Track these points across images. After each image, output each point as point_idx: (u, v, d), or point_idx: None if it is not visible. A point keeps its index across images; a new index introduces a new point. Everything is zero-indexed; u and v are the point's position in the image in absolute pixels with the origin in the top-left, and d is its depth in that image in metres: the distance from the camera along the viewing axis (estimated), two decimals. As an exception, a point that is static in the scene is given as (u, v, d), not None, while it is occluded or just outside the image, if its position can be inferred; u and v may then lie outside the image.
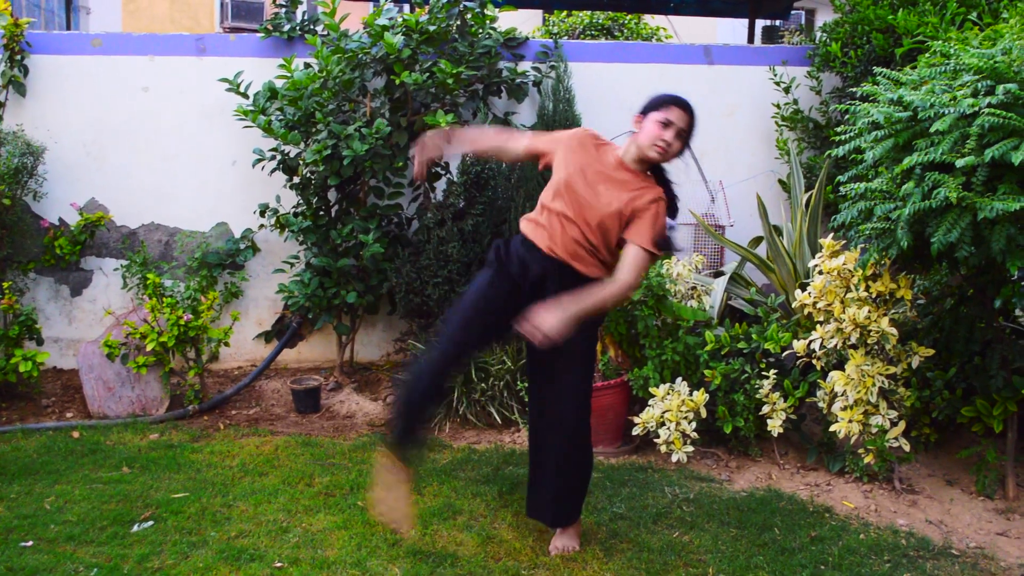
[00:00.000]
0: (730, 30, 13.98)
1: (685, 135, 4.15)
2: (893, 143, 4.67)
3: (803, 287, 5.96)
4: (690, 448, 5.67)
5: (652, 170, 4.28)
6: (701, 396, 5.69)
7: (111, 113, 7.37)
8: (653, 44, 8.04)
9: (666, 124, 4.09)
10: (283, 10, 7.43)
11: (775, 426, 5.64)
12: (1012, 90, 4.23)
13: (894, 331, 5.24)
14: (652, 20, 12.19)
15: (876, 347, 5.43)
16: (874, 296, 5.36)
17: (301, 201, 6.95)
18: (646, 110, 4.19)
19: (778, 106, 7.56)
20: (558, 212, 4.16)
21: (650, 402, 5.78)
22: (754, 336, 5.86)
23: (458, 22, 7.11)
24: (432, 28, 6.82)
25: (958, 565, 4.51)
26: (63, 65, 7.31)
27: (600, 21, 10.91)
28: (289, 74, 6.75)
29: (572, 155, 4.25)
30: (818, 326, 5.52)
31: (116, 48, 7.35)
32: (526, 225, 4.29)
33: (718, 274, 6.94)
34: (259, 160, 6.87)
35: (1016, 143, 4.14)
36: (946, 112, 4.35)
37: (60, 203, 7.33)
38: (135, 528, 4.75)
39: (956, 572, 4.44)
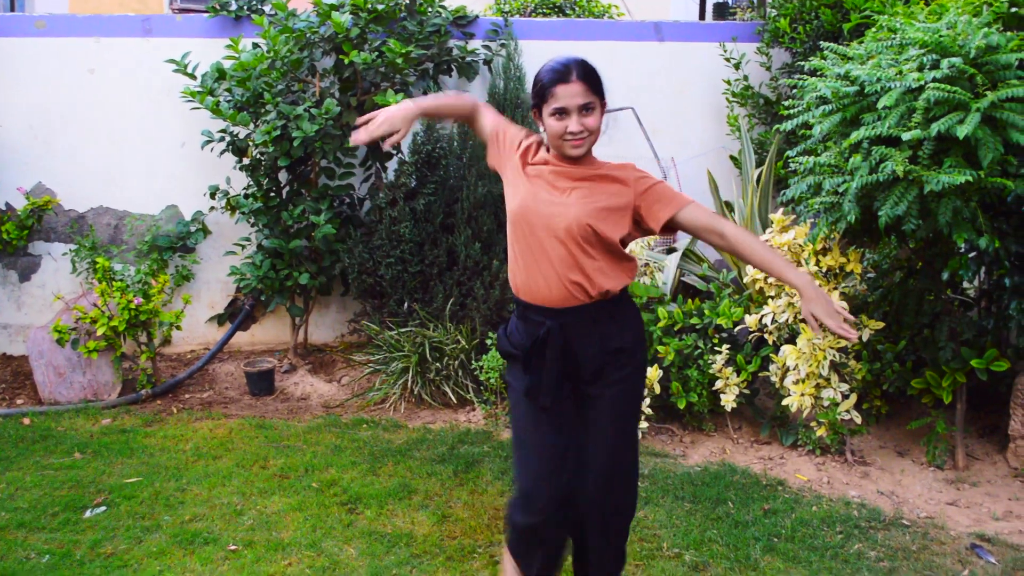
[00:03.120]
0: (683, 7, 13.95)
1: (590, 101, 3.39)
2: (841, 117, 4.70)
3: (755, 262, 5.98)
4: (644, 424, 5.69)
5: None
6: (655, 372, 5.72)
7: (57, 96, 7.26)
8: (603, 22, 8.03)
9: (562, 113, 3.33)
10: (231, -11, 7.36)
11: (728, 401, 5.68)
12: (957, 64, 4.26)
13: (844, 304, 5.28)
14: (604, -2, 12.18)
15: (827, 321, 5.46)
16: (824, 270, 5.40)
17: (251, 183, 6.89)
18: (535, 102, 3.44)
19: (728, 82, 7.58)
20: (533, 256, 3.41)
21: (604, 379, 5.78)
22: (707, 312, 5.88)
23: (407, 0, 7.06)
24: (381, 7, 6.76)
25: (909, 535, 4.57)
26: (6, 47, 7.18)
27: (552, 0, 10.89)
28: (237, 55, 6.68)
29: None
30: (770, 301, 5.56)
31: (61, 30, 7.24)
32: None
33: (671, 251, 6.96)
34: (208, 142, 6.80)
35: (961, 116, 4.18)
36: (892, 86, 4.39)
37: (6, 187, 7.23)
38: (88, 514, 4.72)
39: (907, 542, 4.50)
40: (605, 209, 3.35)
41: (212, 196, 7.03)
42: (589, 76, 3.44)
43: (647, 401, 5.68)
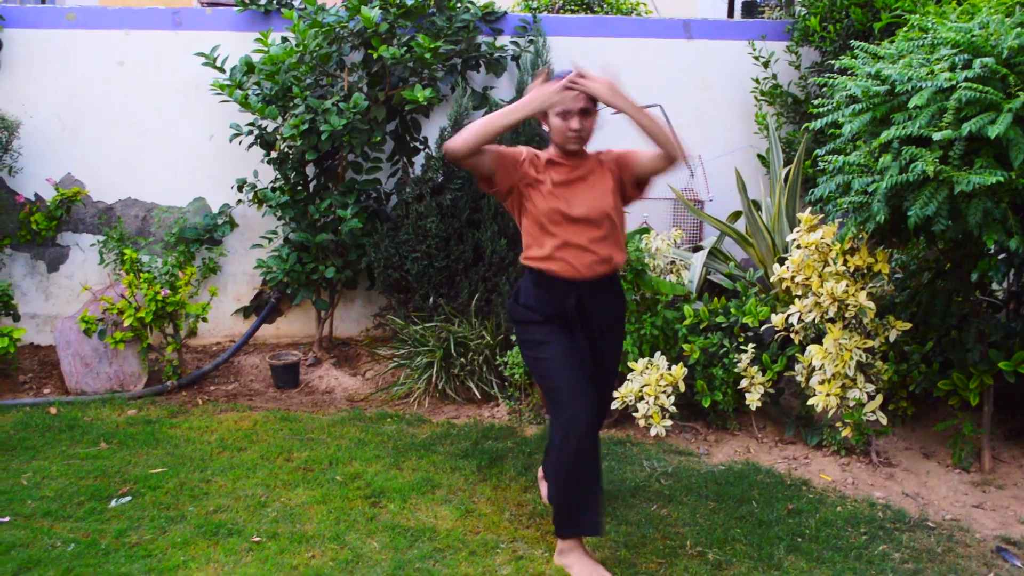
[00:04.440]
0: (711, 5, 13.89)
1: (589, 107, 4.06)
2: (871, 117, 4.67)
3: (781, 261, 5.97)
4: (668, 422, 5.68)
5: None
6: (680, 370, 5.70)
7: (87, 88, 7.30)
8: (632, 18, 8.01)
9: (566, 115, 4.03)
10: (260, -17, 7.38)
11: (753, 400, 5.66)
12: (989, 64, 4.23)
13: (872, 305, 5.26)
14: (632, -6, 12.14)
15: (854, 321, 5.45)
16: (852, 270, 5.37)
17: (279, 176, 6.91)
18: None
19: (757, 80, 7.55)
20: (564, 240, 4.10)
21: (629, 376, 5.78)
22: (733, 310, 5.86)
23: (436, -4, 7.08)
24: (410, 2, 6.77)
25: (934, 537, 4.54)
26: (37, 39, 7.23)
27: (580, -5, 10.87)
28: (266, 48, 6.70)
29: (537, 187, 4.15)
30: (796, 300, 5.53)
31: (91, 22, 7.28)
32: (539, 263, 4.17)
33: (697, 249, 6.94)
34: (236, 135, 6.82)
35: (993, 117, 4.15)
36: (923, 86, 4.35)
37: (36, 178, 7.27)
38: (113, 503, 4.74)
39: (932, 544, 4.47)
40: (611, 191, 4.16)
41: (239, 189, 7.05)
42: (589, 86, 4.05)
43: (671, 399, 5.67)
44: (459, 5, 7.18)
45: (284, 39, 6.93)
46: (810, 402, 5.46)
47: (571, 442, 3.97)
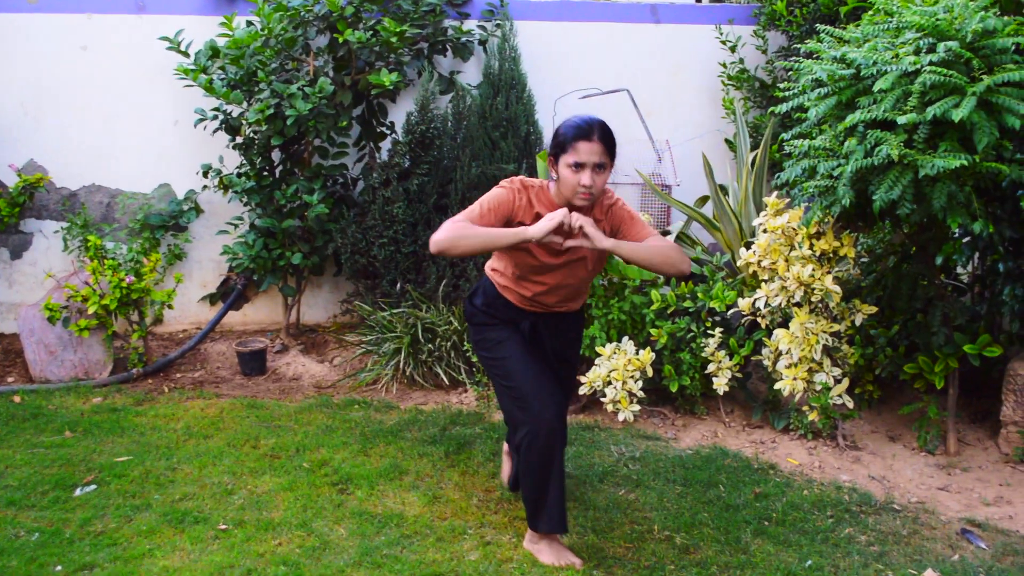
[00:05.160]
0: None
1: (605, 161, 3.82)
2: (836, 100, 4.68)
3: (748, 246, 5.98)
4: (636, 407, 5.68)
5: None
6: (647, 355, 5.71)
7: (49, 72, 7.22)
8: (600, 3, 8.00)
9: (578, 167, 3.77)
10: (225, -33, 7.31)
11: (721, 384, 5.68)
12: (953, 48, 4.25)
13: (838, 289, 5.28)
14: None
15: (820, 305, 5.47)
16: (818, 254, 5.39)
17: (244, 161, 6.87)
18: (554, 151, 3.88)
19: (724, 65, 7.56)
20: (539, 282, 4.09)
21: (596, 361, 5.78)
22: (700, 295, 5.87)
23: (402, -21, 7.04)
24: (376, -15, 6.75)
25: (899, 519, 4.57)
26: (-2, 23, 7.16)
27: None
28: (231, 32, 6.65)
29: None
30: (763, 284, 5.55)
31: (53, 5, 7.19)
32: (503, 289, 4.19)
33: (665, 233, 6.94)
34: (201, 120, 6.77)
35: (957, 101, 4.17)
36: (888, 70, 4.37)
37: (-3, 164, 7.20)
38: (77, 492, 4.70)
39: (897, 526, 4.50)
40: (595, 259, 4.08)
41: (205, 175, 6.99)
42: (607, 138, 3.84)
43: (639, 384, 5.67)
44: (426, -11, 7.15)
45: (249, 23, 6.86)
46: (777, 386, 5.49)
47: (540, 440, 3.94)
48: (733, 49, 7.51)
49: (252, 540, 4.23)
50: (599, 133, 3.79)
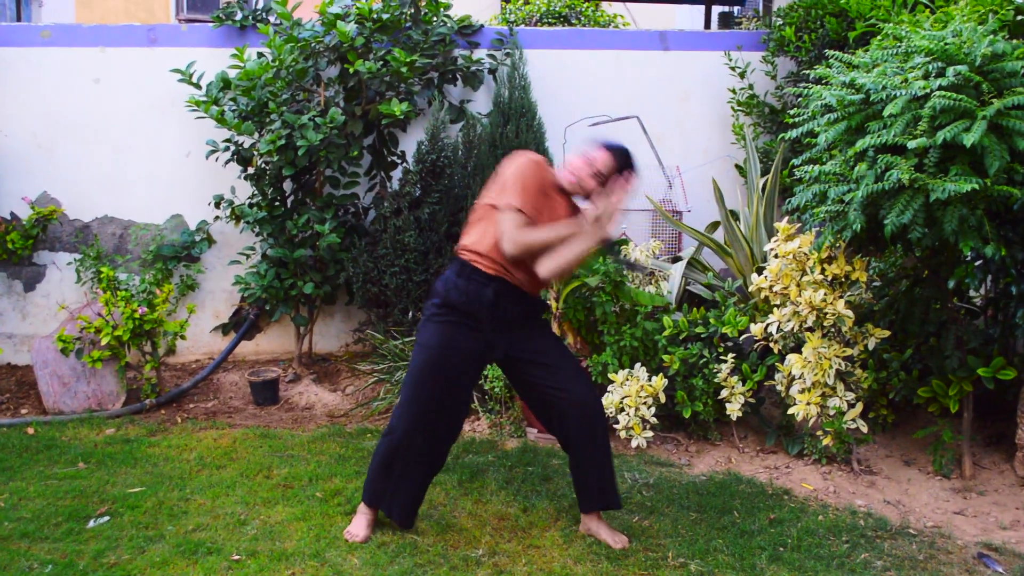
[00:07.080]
0: (688, 17, 13.95)
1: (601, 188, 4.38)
2: (846, 126, 4.69)
3: (760, 271, 5.98)
4: (649, 433, 5.67)
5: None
6: (660, 381, 5.70)
7: (62, 105, 7.28)
8: (609, 30, 8.03)
9: (603, 184, 4.38)
10: (236, -1, 7.38)
11: (734, 410, 5.66)
12: (963, 72, 4.25)
13: (850, 313, 5.27)
14: (610, 7, 12.17)
15: (833, 329, 5.46)
16: (830, 279, 5.38)
17: (256, 192, 6.90)
18: (621, 169, 4.40)
19: (734, 91, 7.57)
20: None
21: (609, 388, 5.78)
22: (712, 320, 5.87)
23: (411, 10, 7.07)
24: (386, 16, 6.78)
25: (916, 544, 4.54)
26: (12, 57, 7.21)
27: (557, 9, 10.90)
28: (242, 64, 6.69)
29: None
30: (775, 309, 5.54)
31: (66, 39, 7.26)
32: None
33: (676, 259, 6.94)
34: (213, 151, 6.81)
35: (967, 124, 4.17)
36: (898, 94, 4.38)
37: (11, 197, 7.24)
38: (91, 524, 4.70)
39: (913, 551, 4.47)
40: None
41: (217, 205, 7.03)
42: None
43: (652, 410, 5.66)
44: (435, 19, 7.19)
45: (260, 54, 6.92)
46: (790, 411, 5.47)
47: (395, 441, 4.38)
48: (742, 75, 7.52)
49: (265, 571, 4.21)
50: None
